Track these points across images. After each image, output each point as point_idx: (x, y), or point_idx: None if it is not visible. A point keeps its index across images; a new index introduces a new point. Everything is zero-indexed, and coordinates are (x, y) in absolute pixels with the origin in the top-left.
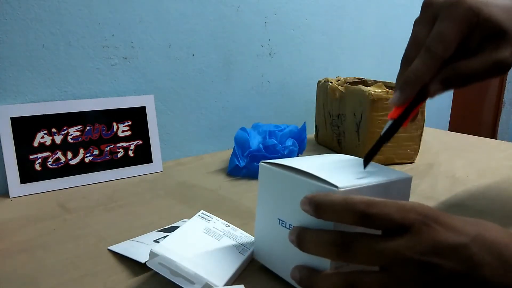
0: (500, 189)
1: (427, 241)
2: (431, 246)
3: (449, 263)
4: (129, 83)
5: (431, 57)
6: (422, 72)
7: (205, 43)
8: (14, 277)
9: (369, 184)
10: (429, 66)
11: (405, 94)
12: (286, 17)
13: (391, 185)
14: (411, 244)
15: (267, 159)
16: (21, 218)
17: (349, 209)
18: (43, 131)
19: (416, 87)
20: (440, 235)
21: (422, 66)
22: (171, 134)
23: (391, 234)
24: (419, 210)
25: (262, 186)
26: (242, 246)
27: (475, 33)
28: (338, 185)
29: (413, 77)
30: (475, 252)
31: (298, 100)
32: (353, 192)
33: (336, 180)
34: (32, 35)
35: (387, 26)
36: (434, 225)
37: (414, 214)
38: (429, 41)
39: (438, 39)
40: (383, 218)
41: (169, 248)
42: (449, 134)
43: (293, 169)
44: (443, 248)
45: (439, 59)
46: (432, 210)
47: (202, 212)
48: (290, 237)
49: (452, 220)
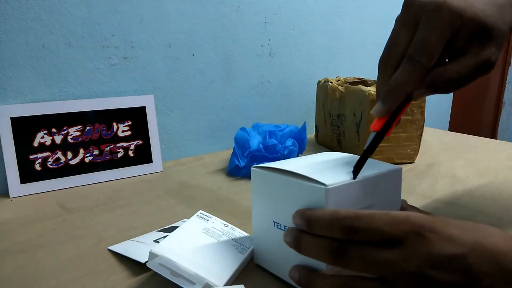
0: (500, 189)
1: (422, 253)
2: (426, 258)
3: (446, 275)
4: (129, 83)
5: (415, 67)
6: (405, 82)
7: (205, 43)
8: (14, 277)
9: (358, 180)
10: (412, 76)
11: (388, 105)
12: (286, 17)
13: (381, 178)
14: (406, 256)
15: (267, 159)
16: (21, 218)
17: (335, 224)
18: (43, 131)
19: (400, 98)
20: (436, 246)
21: (405, 76)
22: (171, 134)
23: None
24: (413, 220)
25: (255, 190)
26: (242, 245)
27: (460, 34)
28: (326, 183)
29: (396, 88)
30: (473, 263)
31: (298, 100)
32: (341, 189)
33: (325, 179)
34: (32, 35)
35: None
36: (429, 235)
37: (407, 226)
38: (412, 49)
39: (421, 48)
40: (372, 231)
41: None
42: (449, 134)
43: (283, 171)
44: (439, 259)
45: (422, 69)
46: (429, 219)
47: (201, 212)
48: (285, 239)
49: (449, 228)
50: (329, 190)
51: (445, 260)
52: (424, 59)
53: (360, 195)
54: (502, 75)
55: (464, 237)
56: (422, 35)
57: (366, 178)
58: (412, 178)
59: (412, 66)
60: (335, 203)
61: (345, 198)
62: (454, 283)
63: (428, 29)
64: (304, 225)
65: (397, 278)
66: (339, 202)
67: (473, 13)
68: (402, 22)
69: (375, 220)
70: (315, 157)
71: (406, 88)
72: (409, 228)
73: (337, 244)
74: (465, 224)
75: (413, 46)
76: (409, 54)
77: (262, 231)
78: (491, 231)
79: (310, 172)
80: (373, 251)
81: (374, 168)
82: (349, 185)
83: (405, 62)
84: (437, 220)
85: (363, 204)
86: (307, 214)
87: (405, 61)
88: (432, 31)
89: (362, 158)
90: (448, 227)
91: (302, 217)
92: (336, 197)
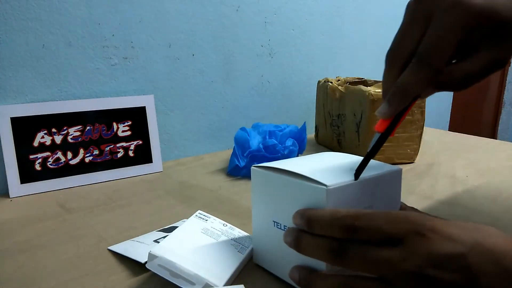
0: (500, 189)
1: (422, 252)
2: (426, 258)
3: (446, 274)
4: (129, 83)
5: (424, 69)
6: (413, 85)
7: (205, 43)
8: (14, 277)
9: (358, 180)
10: (421, 78)
11: (394, 107)
12: (286, 17)
13: (381, 179)
14: (406, 255)
15: (267, 159)
16: (21, 218)
17: (335, 224)
18: (43, 131)
19: (406, 100)
20: (436, 245)
21: (413, 78)
22: (171, 134)
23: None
24: (412, 219)
25: (255, 190)
26: (241, 245)
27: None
28: (327, 184)
29: (403, 90)
30: (473, 262)
31: (298, 100)
32: (342, 190)
33: (325, 179)
34: (32, 35)
35: (387, 26)
36: (429, 234)
37: (407, 224)
38: (422, 49)
39: (432, 50)
40: (371, 230)
41: (168, 249)
42: (449, 134)
43: (283, 171)
44: (439, 259)
45: (432, 71)
46: (428, 218)
47: (199, 212)
48: (285, 239)
49: (449, 228)
50: (329, 190)
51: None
52: (435, 61)
53: (360, 196)
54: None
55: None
56: (434, 34)
57: (367, 179)
58: (412, 178)
59: (421, 68)
60: (336, 203)
61: (345, 199)
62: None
63: (441, 28)
64: (305, 225)
65: (397, 278)
66: (340, 202)
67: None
68: (413, 15)
69: (375, 219)
70: (316, 157)
71: (414, 91)
72: (409, 227)
73: (337, 243)
74: (465, 224)
75: (423, 46)
76: (419, 54)
77: (262, 231)
78: (491, 231)
79: (311, 172)
80: (373, 250)
81: (374, 169)
82: (349, 186)
83: (414, 63)
84: (437, 220)
85: (363, 204)
86: (308, 214)
87: (414, 62)
88: (445, 32)
89: (366, 159)
90: (448, 227)
91: (302, 217)
92: (337, 197)
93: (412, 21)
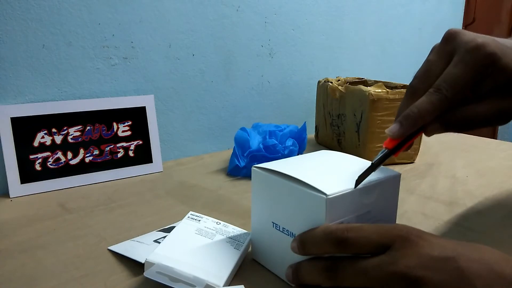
0: (500, 189)
1: (411, 255)
2: (416, 259)
3: (436, 275)
4: (129, 83)
5: (439, 98)
6: (426, 111)
7: (205, 43)
8: (14, 277)
9: (357, 188)
10: (435, 106)
11: (404, 129)
12: (286, 17)
13: (380, 185)
14: (395, 259)
15: (267, 159)
16: (21, 218)
17: (327, 239)
18: (43, 131)
19: (417, 125)
20: (425, 249)
21: (428, 105)
22: (171, 134)
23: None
24: (400, 227)
25: (255, 190)
26: (236, 241)
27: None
28: (326, 193)
29: (417, 114)
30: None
31: (298, 100)
32: (341, 198)
33: (325, 187)
34: (32, 35)
35: (387, 26)
36: (417, 240)
37: (396, 231)
38: (441, 81)
39: (450, 82)
40: (360, 239)
41: (164, 255)
42: (449, 134)
43: (284, 174)
44: (429, 260)
45: (446, 102)
46: (415, 229)
47: (191, 213)
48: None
49: (437, 238)
50: (329, 199)
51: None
52: (450, 93)
53: (359, 202)
54: None
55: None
56: (454, 69)
57: (366, 186)
58: (412, 178)
59: (437, 97)
60: (335, 211)
61: (344, 206)
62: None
63: (460, 65)
64: (299, 248)
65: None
66: (339, 210)
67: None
68: (439, 53)
69: (363, 230)
70: (316, 157)
71: (426, 117)
72: (397, 233)
73: (331, 262)
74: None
75: (442, 78)
76: (437, 85)
77: (261, 230)
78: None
79: (311, 178)
80: (363, 261)
81: (373, 174)
82: (349, 194)
83: (430, 92)
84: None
85: (362, 210)
86: (300, 237)
87: (431, 91)
88: (464, 69)
89: (369, 170)
90: (435, 237)
91: (295, 241)
92: (336, 205)
93: (438, 58)
